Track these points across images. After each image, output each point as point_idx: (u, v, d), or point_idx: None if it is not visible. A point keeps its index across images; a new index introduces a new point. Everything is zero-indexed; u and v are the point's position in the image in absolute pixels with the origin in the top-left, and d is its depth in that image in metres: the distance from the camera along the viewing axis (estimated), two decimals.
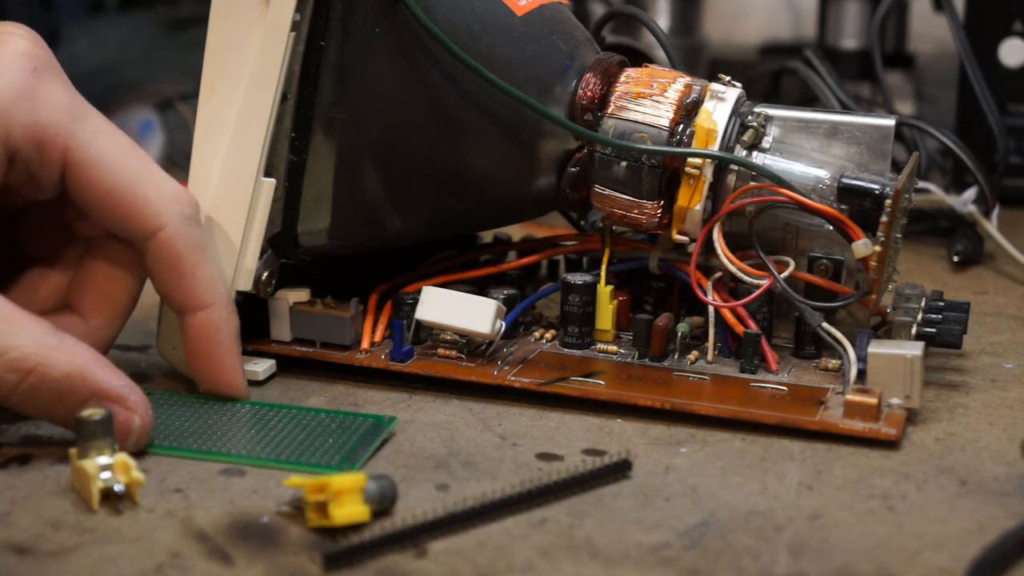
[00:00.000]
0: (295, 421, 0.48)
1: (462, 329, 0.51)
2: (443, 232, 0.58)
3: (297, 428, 0.47)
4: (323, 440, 0.46)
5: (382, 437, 0.46)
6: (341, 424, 0.47)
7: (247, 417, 0.48)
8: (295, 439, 0.46)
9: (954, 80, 0.78)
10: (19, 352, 0.43)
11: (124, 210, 0.47)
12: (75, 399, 0.44)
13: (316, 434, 0.47)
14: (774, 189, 0.50)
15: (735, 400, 0.49)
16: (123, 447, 0.44)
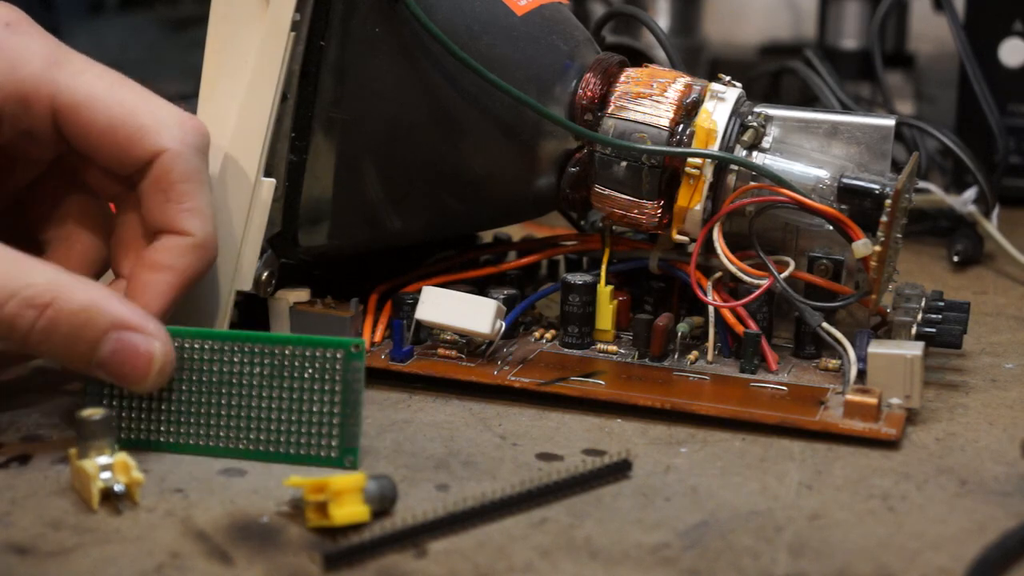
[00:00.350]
0: (265, 385, 0.45)
1: (462, 329, 0.51)
2: (443, 232, 0.58)
3: (271, 397, 0.45)
4: (307, 410, 0.45)
5: (360, 380, 0.45)
6: (311, 372, 0.45)
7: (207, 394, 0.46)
8: (278, 419, 0.45)
9: (954, 80, 0.78)
10: (34, 289, 0.43)
11: (122, 141, 0.46)
12: (94, 331, 0.43)
13: (296, 402, 0.45)
14: (774, 189, 0.50)
15: (735, 400, 0.49)
16: (146, 380, 0.44)
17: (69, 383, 0.52)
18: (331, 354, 0.44)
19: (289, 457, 0.45)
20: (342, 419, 0.45)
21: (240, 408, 0.45)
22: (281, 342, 0.45)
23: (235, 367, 0.45)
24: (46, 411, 0.49)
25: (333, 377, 0.45)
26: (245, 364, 0.45)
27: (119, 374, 0.44)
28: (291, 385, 0.45)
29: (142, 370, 0.44)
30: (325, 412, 0.45)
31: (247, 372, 0.45)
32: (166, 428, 0.46)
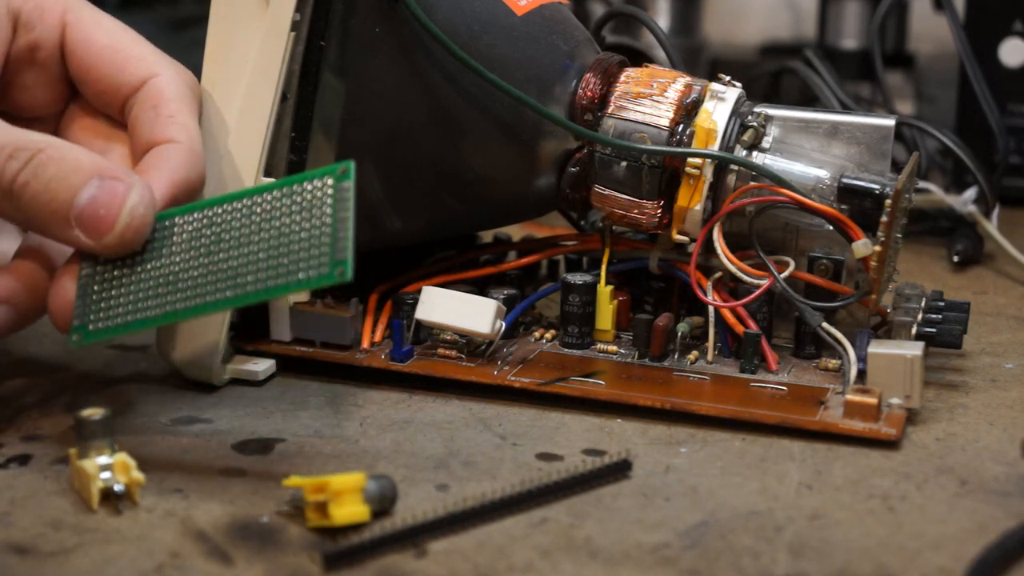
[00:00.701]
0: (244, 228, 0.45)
1: (462, 329, 0.51)
2: (443, 232, 0.58)
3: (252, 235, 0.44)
4: (297, 239, 0.44)
5: (349, 198, 0.44)
6: (294, 203, 0.44)
7: (189, 239, 0.45)
8: (258, 250, 0.44)
9: (954, 80, 0.78)
10: (31, 138, 0.45)
11: (120, 61, 0.49)
12: (79, 176, 0.44)
13: (287, 235, 0.44)
14: (774, 189, 0.50)
15: (735, 400, 0.49)
16: (116, 226, 0.44)
17: (69, 383, 0.52)
18: (319, 183, 0.44)
19: (281, 288, 0.43)
20: (332, 235, 0.43)
21: (229, 260, 0.44)
22: (268, 189, 0.45)
23: (225, 225, 0.45)
24: (46, 411, 0.49)
25: (323, 201, 0.44)
26: (237, 220, 0.45)
27: (92, 221, 0.44)
28: (280, 223, 0.44)
29: (115, 213, 0.44)
30: (315, 234, 0.43)
31: (240, 227, 0.45)
32: (148, 303, 0.45)
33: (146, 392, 0.51)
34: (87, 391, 0.51)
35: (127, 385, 0.52)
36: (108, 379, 0.53)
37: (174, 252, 0.45)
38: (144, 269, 0.45)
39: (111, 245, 0.45)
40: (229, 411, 0.49)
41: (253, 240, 0.44)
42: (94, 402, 0.47)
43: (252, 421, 0.49)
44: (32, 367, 0.54)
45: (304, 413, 0.49)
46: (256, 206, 0.45)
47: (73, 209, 0.44)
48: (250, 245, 0.44)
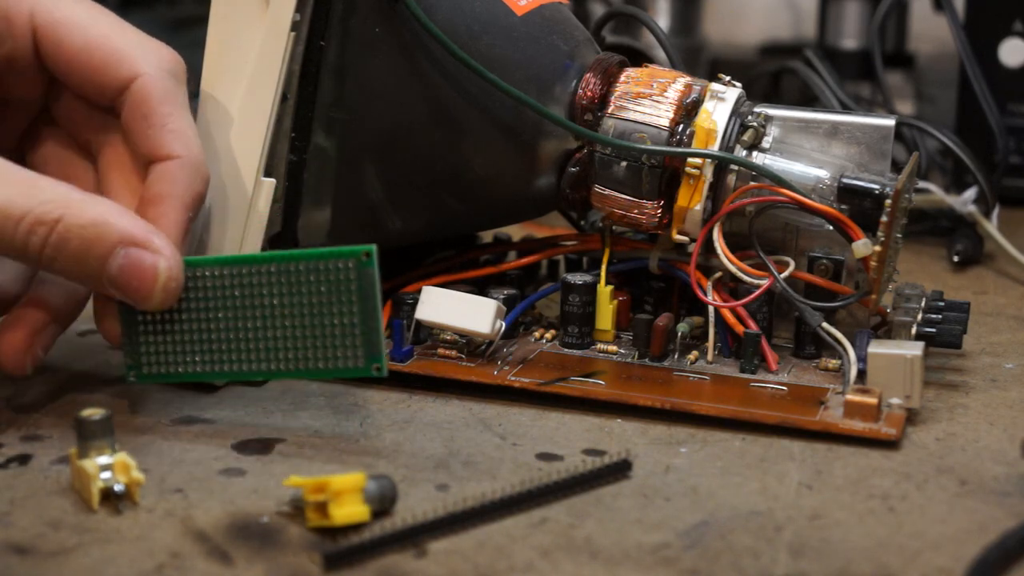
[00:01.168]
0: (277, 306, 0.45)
1: (462, 329, 0.51)
2: (443, 232, 0.58)
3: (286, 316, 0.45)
4: (328, 323, 0.45)
5: (374, 285, 0.44)
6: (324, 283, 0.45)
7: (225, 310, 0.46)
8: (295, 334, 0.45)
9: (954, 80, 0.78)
10: (45, 207, 0.44)
11: (98, 63, 0.47)
12: (102, 247, 0.44)
13: (316, 316, 0.45)
14: (774, 189, 0.50)
15: (735, 400, 0.49)
16: (152, 296, 0.45)
17: (69, 383, 0.52)
18: (343, 264, 0.44)
19: (318, 372, 0.45)
20: (363, 328, 0.44)
21: (264, 329, 0.46)
22: (293, 259, 0.45)
23: (253, 290, 0.46)
24: (46, 411, 0.49)
25: (348, 287, 0.44)
26: (263, 286, 0.45)
27: (128, 290, 0.45)
28: (308, 300, 0.45)
29: (148, 285, 0.45)
30: (345, 323, 0.45)
31: (266, 293, 0.45)
32: (193, 359, 0.47)
33: (146, 392, 0.51)
34: (87, 391, 0.51)
35: (127, 385, 0.52)
36: (108, 379, 0.53)
37: (209, 307, 0.46)
38: (183, 320, 0.47)
39: (150, 308, 0.46)
40: (229, 411, 0.49)
41: (285, 313, 0.45)
42: (94, 402, 0.47)
43: (252, 421, 0.49)
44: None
45: (304, 413, 0.49)
46: (282, 275, 0.45)
47: (105, 275, 0.44)
48: (283, 318, 0.45)
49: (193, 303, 0.46)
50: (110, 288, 0.45)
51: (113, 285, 0.45)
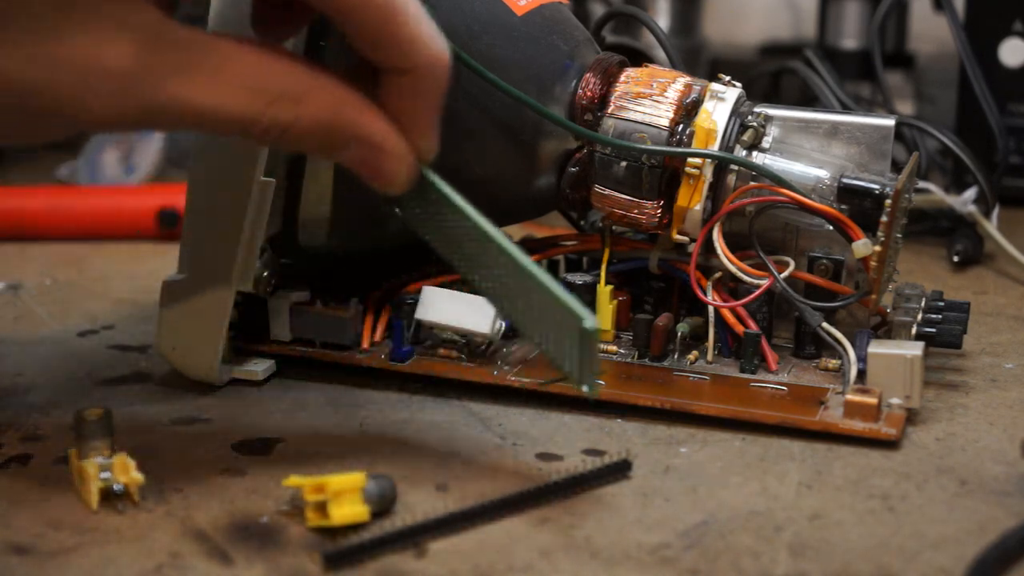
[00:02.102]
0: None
1: (462, 329, 0.51)
2: None
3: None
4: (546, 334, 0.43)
5: (592, 346, 0.42)
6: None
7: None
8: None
9: (954, 80, 0.78)
10: (289, 90, 0.42)
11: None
12: (338, 138, 0.42)
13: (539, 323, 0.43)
14: (774, 189, 0.50)
15: (735, 400, 0.49)
16: (382, 189, 0.44)
17: (69, 383, 0.52)
18: (571, 316, 0.41)
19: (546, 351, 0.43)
20: (576, 364, 0.42)
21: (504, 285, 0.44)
22: (532, 278, 0.42)
23: (477, 251, 0.44)
24: (46, 411, 0.49)
25: (571, 336, 0.42)
26: (496, 262, 0.44)
27: (360, 175, 0.44)
28: (535, 314, 0.43)
29: (377, 180, 0.44)
30: (561, 352, 0.42)
31: (500, 273, 0.44)
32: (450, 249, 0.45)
33: (146, 392, 0.51)
34: (87, 391, 0.51)
35: (127, 385, 0.52)
36: (108, 379, 0.53)
37: (446, 226, 0.45)
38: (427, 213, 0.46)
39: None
40: (229, 411, 0.49)
41: (508, 292, 0.44)
42: (94, 402, 0.47)
43: (252, 421, 0.49)
44: (32, 367, 0.54)
45: (304, 413, 0.49)
46: (515, 276, 0.43)
47: (341, 158, 0.43)
48: (513, 297, 0.44)
49: (435, 209, 0.45)
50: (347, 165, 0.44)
51: (346, 166, 0.44)
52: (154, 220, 0.73)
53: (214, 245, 0.50)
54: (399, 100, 0.44)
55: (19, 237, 0.73)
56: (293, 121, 0.42)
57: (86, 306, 0.62)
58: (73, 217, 0.73)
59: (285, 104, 0.41)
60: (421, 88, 0.44)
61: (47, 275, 0.67)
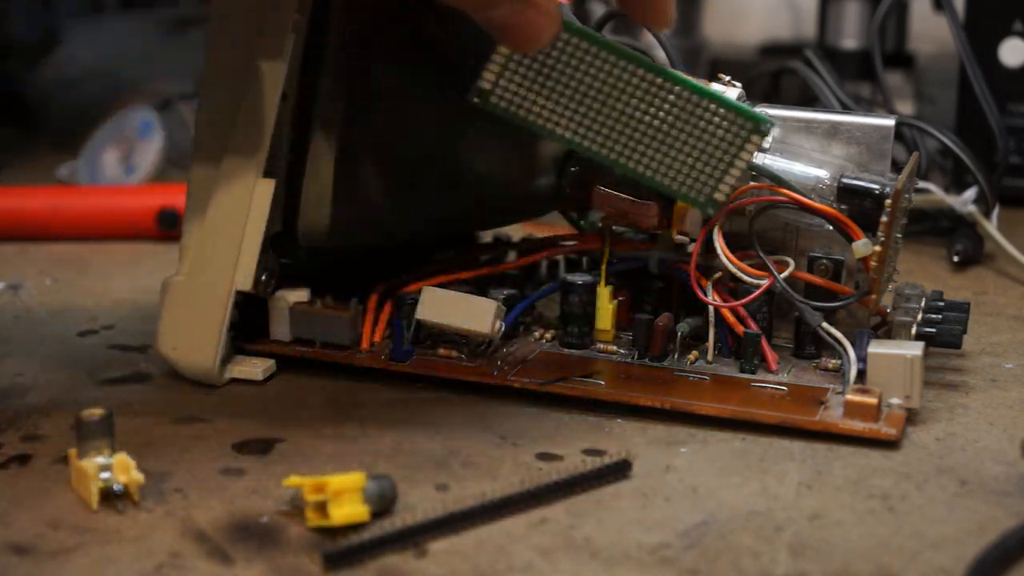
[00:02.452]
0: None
1: (462, 329, 0.51)
2: (443, 232, 0.58)
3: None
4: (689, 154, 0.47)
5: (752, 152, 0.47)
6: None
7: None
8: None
9: (954, 80, 0.78)
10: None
11: None
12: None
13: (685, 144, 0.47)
14: (774, 189, 0.50)
15: (735, 400, 0.49)
16: (525, 49, 0.46)
17: (69, 383, 0.52)
18: (740, 121, 0.47)
19: (662, 185, 0.48)
20: (722, 175, 0.47)
21: (628, 123, 0.47)
22: (701, 93, 0.47)
23: (638, 89, 0.47)
24: (46, 411, 0.49)
25: (732, 139, 0.47)
26: (655, 94, 0.47)
27: (501, 35, 0.45)
28: (692, 130, 0.47)
29: (521, 37, 0.45)
30: (711, 163, 0.48)
31: (652, 100, 0.47)
32: (547, 109, 0.48)
33: (146, 392, 0.51)
34: (87, 391, 0.51)
35: (127, 385, 0.52)
36: (108, 379, 0.53)
37: (581, 77, 0.47)
38: (554, 70, 0.48)
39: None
40: (229, 411, 0.49)
41: (656, 125, 0.47)
42: (94, 402, 0.47)
43: (252, 421, 0.49)
44: (32, 367, 0.54)
45: (304, 413, 0.49)
46: (674, 96, 0.47)
47: (486, 15, 0.44)
48: (651, 128, 0.47)
49: (571, 67, 0.47)
50: (493, 28, 0.45)
51: (493, 28, 0.45)
52: (154, 220, 0.73)
53: (214, 245, 0.50)
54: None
55: (19, 237, 0.73)
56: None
57: (86, 306, 0.62)
58: (73, 217, 0.73)
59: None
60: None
61: (47, 275, 0.67)
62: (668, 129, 0.47)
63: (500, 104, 0.48)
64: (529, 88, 0.48)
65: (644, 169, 0.48)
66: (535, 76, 0.48)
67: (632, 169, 0.48)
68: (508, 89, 0.48)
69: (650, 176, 0.48)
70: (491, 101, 0.48)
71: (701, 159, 0.47)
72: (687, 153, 0.47)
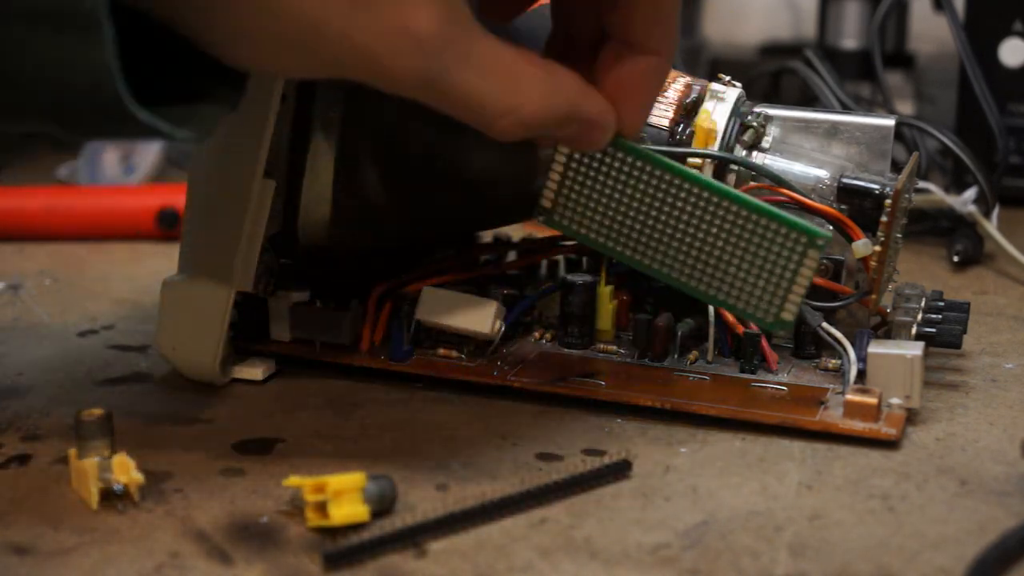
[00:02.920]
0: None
1: (462, 329, 0.51)
2: (443, 232, 0.58)
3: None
4: (756, 273, 0.46)
5: (813, 268, 0.46)
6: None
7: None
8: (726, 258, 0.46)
9: (954, 80, 0.78)
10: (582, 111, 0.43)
11: None
12: (564, 120, 0.44)
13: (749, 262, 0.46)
14: (774, 189, 0.50)
15: (735, 400, 0.49)
16: (587, 149, 0.46)
17: (69, 383, 0.52)
18: (796, 236, 0.45)
19: (727, 304, 0.47)
20: (785, 293, 0.46)
21: (691, 245, 0.46)
22: (745, 205, 0.46)
23: (696, 206, 0.46)
24: (46, 411, 0.49)
25: (791, 256, 0.45)
26: (701, 210, 0.46)
27: (563, 143, 0.46)
28: (748, 247, 0.46)
29: (580, 147, 0.46)
30: (773, 281, 0.46)
31: (703, 218, 0.46)
32: (622, 235, 0.47)
33: (146, 392, 0.51)
34: (87, 391, 0.51)
35: (127, 385, 0.52)
36: (108, 379, 0.53)
37: (637, 196, 0.47)
38: (609, 186, 0.47)
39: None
40: (229, 411, 0.49)
41: (711, 242, 0.46)
42: (94, 402, 0.47)
43: (252, 421, 0.49)
44: (32, 367, 0.54)
45: (304, 413, 0.49)
46: (726, 212, 0.46)
47: (553, 135, 0.44)
48: (707, 245, 0.46)
49: (627, 186, 0.47)
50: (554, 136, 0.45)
51: (559, 139, 0.46)
52: (154, 220, 0.73)
53: (214, 245, 0.50)
54: (632, 77, 0.45)
55: (19, 237, 0.73)
56: (537, 112, 0.42)
57: (86, 306, 0.62)
58: (73, 217, 0.73)
59: (536, 98, 0.42)
60: (660, 69, 0.45)
61: (47, 275, 0.67)
62: (724, 246, 0.46)
63: (563, 223, 0.48)
64: (586, 207, 0.47)
65: (708, 289, 0.47)
66: (591, 194, 0.47)
67: (700, 291, 0.47)
68: (567, 207, 0.48)
69: (720, 298, 0.47)
70: (554, 219, 0.48)
71: (762, 277, 0.46)
72: (747, 271, 0.46)
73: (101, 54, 0.37)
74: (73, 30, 0.37)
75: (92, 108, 0.38)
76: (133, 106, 0.38)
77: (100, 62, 0.37)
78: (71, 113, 0.39)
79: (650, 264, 0.47)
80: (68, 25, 0.37)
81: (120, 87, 0.37)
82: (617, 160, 0.47)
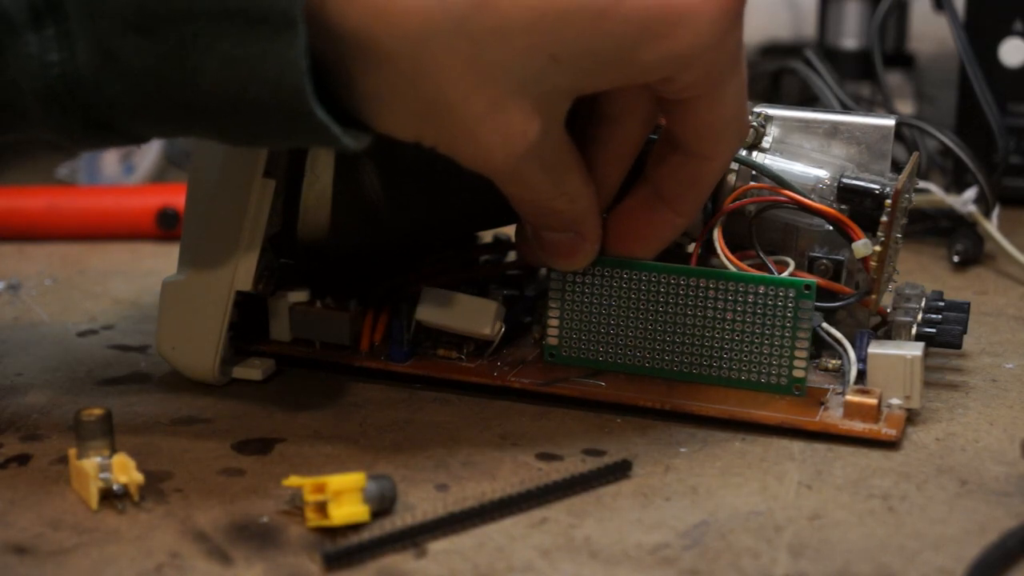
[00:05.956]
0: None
1: (462, 329, 0.51)
2: (443, 232, 0.58)
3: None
4: (758, 342, 0.48)
5: (810, 312, 0.48)
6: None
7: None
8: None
9: (954, 80, 0.78)
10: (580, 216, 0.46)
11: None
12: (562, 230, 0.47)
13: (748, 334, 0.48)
14: (774, 189, 0.50)
15: (735, 400, 0.49)
16: (564, 268, 0.49)
17: (69, 383, 0.52)
18: (783, 292, 0.48)
19: (741, 383, 0.49)
20: (791, 350, 0.48)
21: (692, 336, 0.49)
22: (731, 278, 0.48)
23: (681, 297, 0.49)
24: (46, 411, 0.49)
25: (784, 313, 0.48)
26: (700, 297, 0.48)
27: (549, 252, 0.48)
28: (744, 318, 0.48)
29: (562, 261, 0.48)
30: (776, 343, 0.48)
31: (700, 304, 0.49)
32: (629, 348, 0.50)
33: (146, 392, 0.51)
34: (87, 391, 0.51)
35: (127, 385, 0.52)
36: (108, 379, 0.53)
37: (631, 303, 0.49)
38: (604, 304, 0.50)
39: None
40: (229, 411, 0.49)
41: (708, 324, 0.49)
42: (94, 402, 0.47)
43: (252, 421, 0.49)
44: (32, 367, 0.54)
45: (304, 413, 0.49)
46: (716, 291, 0.49)
47: (546, 234, 0.47)
48: (706, 329, 0.49)
49: (623, 299, 0.49)
50: (534, 241, 0.48)
51: (540, 246, 0.48)
52: (154, 220, 0.73)
53: (214, 245, 0.50)
54: (684, 180, 0.46)
55: (19, 237, 0.73)
56: (561, 211, 0.46)
57: (86, 306, 0.62)
58: (73, 217, 0.73)
59: (566, 201, 0.45)
60: (712, 173, 0.46)
61: (47, 275, 0.67)
62: (723, 325, 0.48)
63: (571, 356, 0.50)
64: (589, 332, 0.50)
65: (720, 372, 0.49)
66: (590, 318, 0.50)
67: (713, 377, 0.49)
68: (571, 338, 0.50)
69: (733, 378, 0.49)
70: (563, 355, 0.50)
71: (766, 342, 0.48)
72: (750, 341, 0.48)
73: (290, 51, 0.38)
74: (266, 27, 0.38)
75: (271, 106, 0.39)
76: (314, 102, 0.39)
77: (289, 59, 0.38)
78: (247, 110, 0.40)
79: (662, 367, 0.49)
80: (261, 22, 0.38)
81: (305, 83, 0.38)
82: (604, 277, 0.49)
